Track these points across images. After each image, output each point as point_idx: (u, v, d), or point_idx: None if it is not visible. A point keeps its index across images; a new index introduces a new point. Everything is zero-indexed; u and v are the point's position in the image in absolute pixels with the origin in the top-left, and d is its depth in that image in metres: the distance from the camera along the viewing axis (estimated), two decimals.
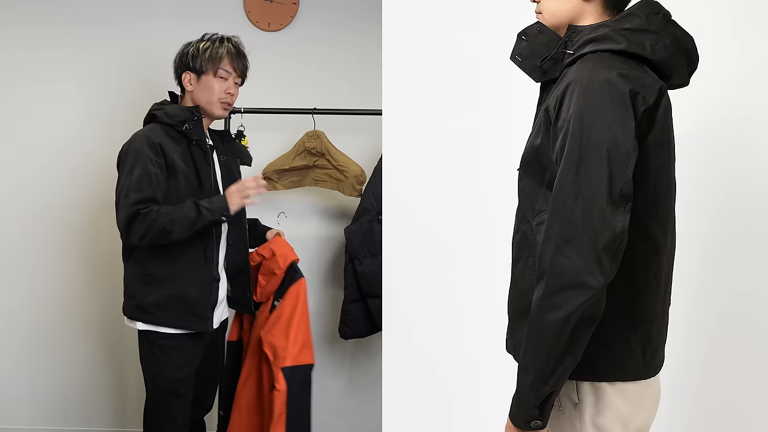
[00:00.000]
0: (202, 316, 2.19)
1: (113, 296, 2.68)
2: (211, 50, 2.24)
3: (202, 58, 2.23)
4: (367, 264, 2.73)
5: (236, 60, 2.27)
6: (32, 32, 3.06)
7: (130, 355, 2.97)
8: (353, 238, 2.74)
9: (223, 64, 2.24)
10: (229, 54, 2.25)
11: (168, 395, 2.20)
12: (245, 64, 2.31)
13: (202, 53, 2.24)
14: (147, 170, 2.08)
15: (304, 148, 2.87)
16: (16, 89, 3.07)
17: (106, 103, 3.08)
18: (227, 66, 2.25)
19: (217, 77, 2.24)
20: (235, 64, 2.26)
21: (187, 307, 2.16)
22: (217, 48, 2.24)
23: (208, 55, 2.23)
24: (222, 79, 2.25)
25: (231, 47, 2.26)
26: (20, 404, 3.12)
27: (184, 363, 2.20)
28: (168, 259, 2.15)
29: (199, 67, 2.23)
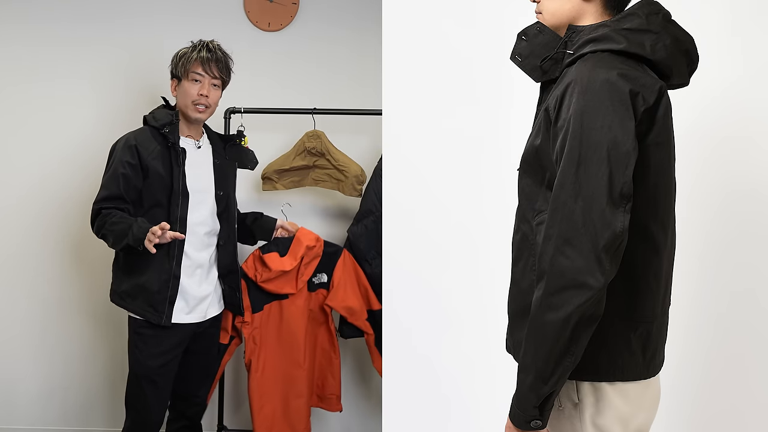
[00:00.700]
0: (159, 309, 2.29)
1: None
2: (186, 56, 2.37)
3: (179, 65, 2.38)
4: (377, 264, 2.75)
5: (207, 64, 2.37)
6: (32, 29, 3.07)
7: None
8: (359, 241, 2.76)
9: (194, 67, 2.36)
10: (201, 58, 2.36)
11: (144, 382, 2.33)
12: (221, 66, 2.41)
13: (179, 60, 2.39)
14: (117, 170, 2.28)
15: (304, 148, 2.87)
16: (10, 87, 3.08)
17: (104, 103, 3.08)
18: (198, 69, 2.36)
19: (191, 81, 2.37)
20: (206, 68, 2.37)
21: (146, 298, 2.29)
22: (191, 54, 2.37)
23: (183, 61, 2.37)
24: (195, 82, 2.37)
25: (204, 52, 2.37)
26: (20, 404, 3.12)
27: (160, 353, 2.32)
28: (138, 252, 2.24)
29: (177, 73, 2.39)
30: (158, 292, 2.29)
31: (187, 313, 2.37)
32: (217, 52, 2.41)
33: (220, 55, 2.41)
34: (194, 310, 2.39)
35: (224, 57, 2.43)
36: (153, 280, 2.29)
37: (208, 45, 2.40)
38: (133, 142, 2.31)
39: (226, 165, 2.54)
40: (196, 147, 2.44)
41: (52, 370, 3.11)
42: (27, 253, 3.09)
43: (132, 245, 2.20)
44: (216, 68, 2.39)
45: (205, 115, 2.42)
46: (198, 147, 2.45)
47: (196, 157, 2.43)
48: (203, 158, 2.46)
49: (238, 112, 2.86)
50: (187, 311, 2.37)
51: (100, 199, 2.30)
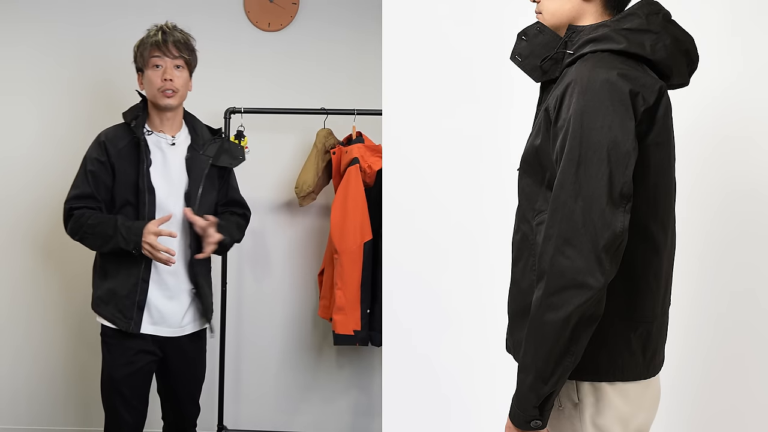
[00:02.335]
0: (127, 315, 2.18)
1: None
2: (141, 46, 2.25)
3: (138, 55, 2.26)
4: None
5: (164, 46, 2.21)
6: (34, 28, 3.06)
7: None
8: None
9: (151, 53, 2.22)
10: (156, 42, 2.22)
11: (110, 393, 2.24)
12: (180, 45, 2.24)
13: (137, 50, 2.27)
14: (86, 168, 2.22)
15: (324, 148, 2.90)
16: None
17: (101, 103, 3.08)
18: (156, 53, 2.22)
19: (152, 68, 2.23)
20: (163, 50, 2.21)
21: (116, 303, 2.19)
22: (145, 41, 2.24)
23: (141, 50, 2.25)
24: (157, 68, 2.22)
25: (159, 35, 2.23)
26: (18, 404, 3.13)
27: (125, 363, 2.21)
28: (119, 256, 2.18)
29: (139, 65, 2.27)
30: (127, 296, 2.18)
31: (151, 323, 2.22)
32: (174, 32, 2.25)
33: (177, 35, 2.25)
34: (160, 323, 2.23)
35: (183, 35, 2.27)
36: (123, 284, 2.19)
37: (163, 27, 2.26)
38: (103, 139, 2.24)
39: (200, 162, 2.29)
40: (169, 143, 2.27)
41: (48, 370, 3.12)
42: (15, 255, 3.09)
43: (126, 248, 2.12)
44: (174, 48, 2.22)
45: (175, 100, 2.24)
46: (172, 143, 2.27)
47: (168, 154, 2.26)
48: (176, 155, 2.28)
49: (238, 112, 2.86)
50: (151, 322, 2.22)
51: (70, 198, 2.22)
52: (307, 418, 3.17)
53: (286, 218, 3.14)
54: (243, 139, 2.82)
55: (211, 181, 2.33)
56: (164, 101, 2.22)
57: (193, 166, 2.27)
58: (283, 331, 3.16)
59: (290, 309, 3.16)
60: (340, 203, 2.78)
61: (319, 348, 3.18)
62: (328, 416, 3.16)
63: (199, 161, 2.29)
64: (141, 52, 2.24)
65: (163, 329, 2.24)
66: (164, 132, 2.27)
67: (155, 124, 2.28)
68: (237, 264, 3.12)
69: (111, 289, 2.20)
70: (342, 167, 2.83)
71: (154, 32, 2.25)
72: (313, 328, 3.17)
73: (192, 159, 2.28)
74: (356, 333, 2.78)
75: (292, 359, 3.17)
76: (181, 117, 2.33)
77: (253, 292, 3.15)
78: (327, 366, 3.17)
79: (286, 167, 3.10)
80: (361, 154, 2.80)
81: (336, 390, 3.18)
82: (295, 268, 3.15)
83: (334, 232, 2.78)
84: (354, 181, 2.78)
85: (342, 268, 2.76)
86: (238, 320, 3.14)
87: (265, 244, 3.14)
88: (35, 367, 3.11)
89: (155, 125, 2.27)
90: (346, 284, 2.76)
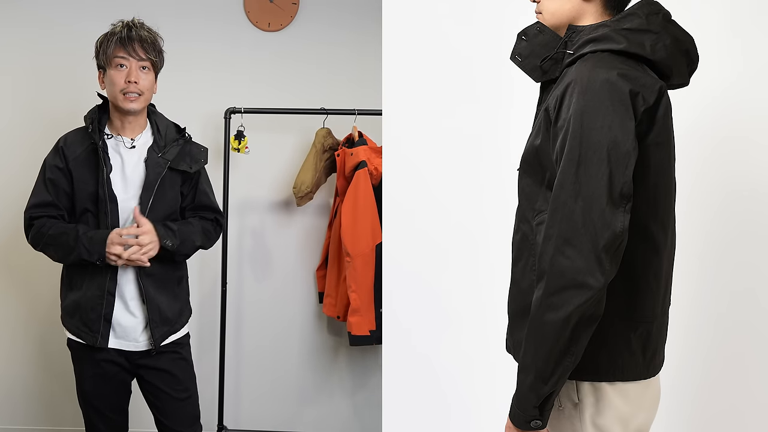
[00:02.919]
0: (93, 328, 2.06)
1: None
2: (104, 42, 2.08)
3: (100, 52, 2.09)
4: None
5: (130, 45, 2.05)
6: (31, 32, 3.07)
7: None
8: None
9: (115, 51, 2.05)
10: (121, 39, 2.05)
11: (84, 405, 2.16)
12: (147, 45, 2.07)
13: (99, 47, 2.09)
14: (44, 176, 2.10)
15: (323, 148, 2.90)
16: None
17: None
18: (120, 53, 2.04)
19: (115, 68, 2.05)
20: (128, 50, 2.04)
21: (81, 316, 2.08)
22: (109, 37, 2.07)
23: (104, 47, 2.07)
24: (121, 68, 2.05)
25: (123, 32, 2.06)
26: (15, 404, 3.13)
27: (93, 375, 2.11)
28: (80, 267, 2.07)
29: (101, 62, 2.10)
30: (92, 309, 2.06)
31: (115, 337, 2.10)
32: (141, 31, 2.07)
33: (144, 34, 2.08)
34: (123, 337, 2.10)
35: (150, 35, 2.10)
36: (88, 296, 2.06)
37: (129, 24, 2.08)
38: (61, 144, 2.11)
39: (157, 164, 2.11)
40: (128, 146, 2.11)
41: (46, 370, 3.12)
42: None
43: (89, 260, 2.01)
44: (141, 48, 2.05)
45: (138, 104, 2.07)
46: (131, 147, 2.11)
47: (126, 157, 2.10)
48: (135, 158, 2.11)
49: (238, 112, 2.86)
50: (114, 336, 2.09)
51: (30, 206, 2.10)
52: (307, 418, 3.17)
53: (286, 218, 3.15)
54: (243, 139, 2.82)
55: (171, 185, 2.15)
56: (127, 105, 2.06)
57: (149, 168, 2.10)
58: (283, 331, 3.16)
59: (290, 308, 3.16)
60: (350, 207, 2.78)
61: (319, 348, 3.18)
62: (328, 416, 3.16)
63: (156, 164, 2.11)
64: (104, 48, 2.06)
65: (123, 343, 2.11)
66: (124, 134, 2.12)
67: (116, 126, 2.12)
68: (237, 264, 3.12)
69: (76, 301, 2.09)
70: (348, 170, 2.82)
71: (119, 28, 2.07)
72: (313, 327, 3.17)
73: (149, 161, 2.11)
74: (372, 333, 2.78)
75: (292, 359, 3.17)
76: (144, 117, 2.17)
77: (252, 291, 3.15)
78: (327, 366, 3.17)
79: (287, 167, 3.10)
80: (368, 156, 2.80)
81: (336, 390, 3.18)
82: (295, 268, 3.15)
83: (345, 236, 2.77)
84: (363, 184, 2.77)
85: (355, 271, 2.76)
86: (237, 320, 3.14)
87: (264, 244, 3.15)
88: (32, 366, 3.11)
89: (115, 128, 2.12)
90: (360, 287, 2.76)
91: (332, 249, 2.92)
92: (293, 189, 2.89)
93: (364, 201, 2.77)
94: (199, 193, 2.26)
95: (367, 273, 2.77)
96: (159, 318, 2.12)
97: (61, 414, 3.12)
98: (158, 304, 2.12)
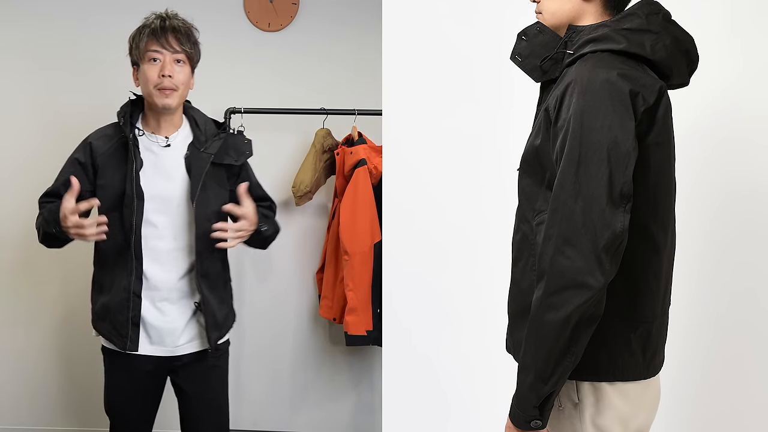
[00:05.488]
0: (122, 332, 1.97)
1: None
2: (137, 36, 1.99)
3: (133, 47, 2.00)
4: None
5: (163, 36, 1.95)
6: (32, 30, 3.07)
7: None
8: None
9: (148, 45, 1.96)
10: (153, 31, 1.96)
11: (110, 415, 2.07)
12: (181, 36, 1.98)
13: (132, 41, 2.01)
14: (66, 168, 2.04)
15: (323, 148, 2.90)
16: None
17: (101, 103, 3.07)
18: (153, 46, 1.95)
19: (148, 62, 1.96)
20: (162, 42, 1.95)
21: (111, 320, 1.99)
22: (141, 30, 1.98)
23: (137, 41, 1.98)
24: (154, 62, 1.96)
25: (156, 23, 1.97)
26: (20, 404, 3.13)
27: (125, 385, 2.03)
28: (106, 267, 2.01)
29: (134, 58, 2.02)
30: (119, 312, 1.97)
31: (150, 343, 2.01)
32: (174, 21, 1.98)
33: (177, 24, 1.98)
34: (159, 342, 2.02)
35: (184, 25, 2.01)
36: (115, 298, 1.97)
37: (162, 15, 1.99)
38: (90, 139, 2.04)
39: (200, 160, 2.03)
40: (162, 145, 2.03)
41: (31, 371, 3.12)
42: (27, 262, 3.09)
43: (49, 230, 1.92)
44: (175, 40, 1.96)
45: (173, 100, 1.98)
46: (166, 145, 2.03)
47: (162, 156, 2.02)
48: (173, 156, 2.03)
49: (238, 112, 2.87)
50: (150, 342, 2.01)
51: (43, 194, 2.05)
52: (307, 418, 3.17)
53: (285, 219, 3.14)
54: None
55: (218, 181, 2.07)
56: (162, 100, 1.97)
57: (192, 165, 2.02)
58: (282, 331, 3.16)
59: (290, 308, 3.16)
60: (349, 205, 2.78)
61: (319, 348, 3.18)
62: (328, 416, 3.16)
63: (199, 159, 2.03)
64: (137, 42, 1.98)
65: (159, 348, 2.02)
66: (159, 133, 2.04)
67: (150, 124, 2.04)
68: (237, 264, 3.11)
69: (105, 305, 2.01)
70: (347, 169, 2.82)
71: (152, 20, 1.99)
72: (313, 327, 3.17)
73: (191, 157, 2.03)
74: (369, 333, 2.77)
75: (292, 359, 3.17)
76: (180, 115, 2.08)
77: (252, 291, 3.15)
78: (327, 366, 3.17)
79: (286, 167, 3.10)
80: (367, 155, 2.80)
81: (336, 390, 3.17)
82: (296, 268, 3.15)
83: (344, 234, 2.77)
84: (363, 182, 2.77)
85: (353, 269, 2.76)
86: (237, 320, 3.13)
87: None
88: (36, 367, 3.11)
89: (150, 125, 2.04)
90: (357, 285, 2.76)
91: (329, 250, 2.92)
92: (292, 188, 2.89)
93: (363, 199, 2.77)
94: (253, 186, 2.18)
95: (364, 272, 2.77)
96: (213, 321, 2.05)
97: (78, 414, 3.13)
98: (213, 307, 2.05)
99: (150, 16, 2.01)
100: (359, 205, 2.76)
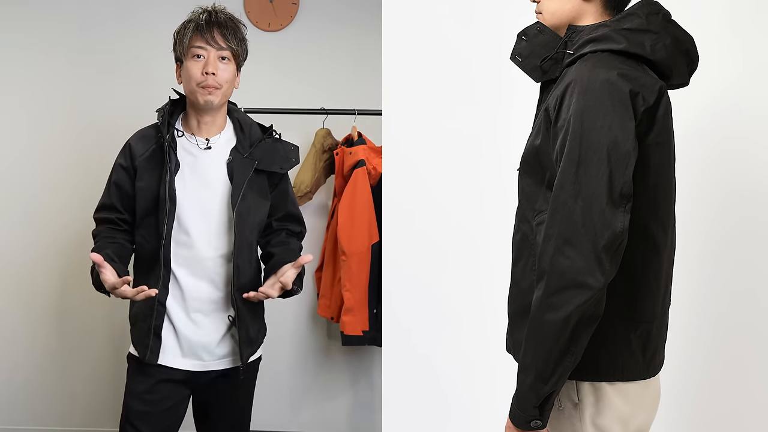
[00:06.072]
0: (144, 341, 1.87)
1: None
2: (181, 31, 1.91)
3: (177, 42, 1.92)
4: None
5: (208, 32, 1.86)
6: (33, 29, 3.06)
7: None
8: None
9: (193, 41, 1.87)
10: (198, 27, 1.87)
11: (125, 424, 1.90)
12: (227, 33, 1.90)
13: (176, 36, 1.93)
14: (111, 177, 1.96)
15: (323, 148, 2.90)
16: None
17: (102, 104, 3.08)
18: (198, 41, 1.87)
19: (192, 58, 1.88)
20: (207, 38, 1.86)
21: (137, 328, 1.91)
22: (187, 25, 1.90)
23: (181, 37, 1.90)
24: (198, 59, 1.87)
25: (201, 18, 1.89)
26: (16, 404, 3.13)
27: (145, 398, 1.88)
28: (141, 273, 1.93)
29: (178, 54, 1.93)
30: (143, 320, 1.88)
31: (181, 356, 1.90)
32: (220, 15, 1.90)
33: (224, 19, 1.90)
34: (191, 355, 1.91)
35: (231, 21, 1.92)
36: (142, 306, 1.88)
37: (208, 9, 1.91)
38: (130, 141, 1.95)
39: (244, 165, 1.93)
40: (202, 147, 1.93)
41: (55, 371, 3.12)
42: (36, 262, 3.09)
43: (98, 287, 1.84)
44: (220, 36, 1.87)
45: (216, 97, 1.88)
46: (206, 147, 1.93)
47: (202, 159, 1.92)
48: (214, 160, 1.93)
49: None
50: (181, 354, 1.90)
51: (97, 208, 1.98)
52: (307, 417, 3.17)
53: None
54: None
55: (260, 189, 1.97)
56: (205, 97, 1.87)
57: (235, 171, 1.91)
58: (282, 331, 3.15)
59: (289, 308, 3.16)
60: (347, 205, 2.78)
61: (318, 347, 3.18)
62: (329, 416, 3.16)
63: (242, 165, 1.92)
64: (181, 38, 1.89)
65: (189, 362, 1.91)
66: (200, 135, 1.94)
67: (191, 126, 1.95)
68: None
69: (135, 312, 1.92)
70: (346, 169, 2.82)
71: (198, 15, 1.90)
72: (312, 327, 3.17)
73: (234, 162, 1.92)
74: (365, 333, 2.78)
75: (292, 359, 3.17)
76: (223, 116, 1.98)
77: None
78: (327, 366, 3.17)
79: None
80: (367, 155, 2.80)
81: (336, 390, 3.17)
82: None
83: (341, 234, 2.77)
84: (361, 183, 2.78)
85: (350, 270, 2.76)
86: None
87: None
88: (34, 366, 3.11)
89: (191, 127, 1.95)
90: (354, 286, 2.76)
91: (328, 250, 2.92)
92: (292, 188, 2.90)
93: (361, 199, 2.77)
94: (290, 202, 2.09)
95: (362, 272, 2.77)
96: (246, 337, 1.94)
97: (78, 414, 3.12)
98: (246, 323, 1.94)
99: (197, 10, 1.92)
100: (357, 206, 2.77)
